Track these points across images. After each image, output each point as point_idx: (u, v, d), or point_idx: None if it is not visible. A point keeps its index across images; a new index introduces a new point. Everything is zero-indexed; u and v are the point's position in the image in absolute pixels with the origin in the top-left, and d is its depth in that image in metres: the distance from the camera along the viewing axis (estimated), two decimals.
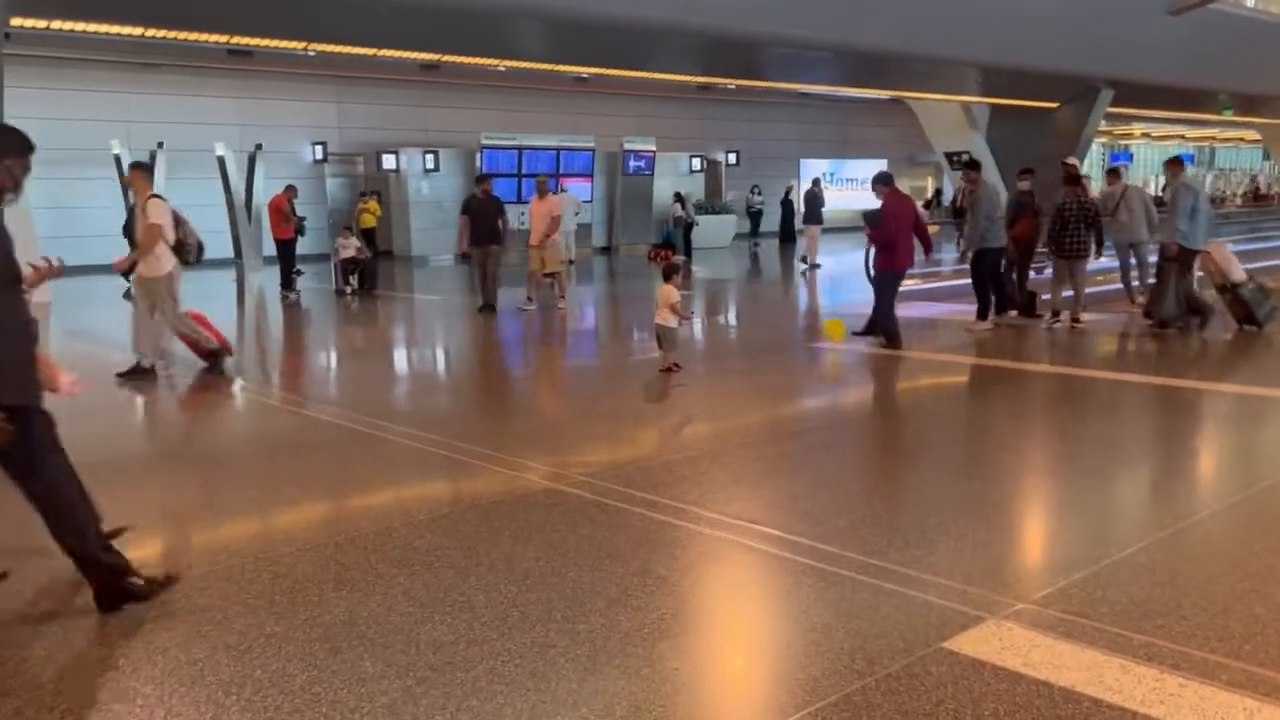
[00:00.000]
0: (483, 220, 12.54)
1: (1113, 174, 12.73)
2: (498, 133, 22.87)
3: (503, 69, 21.09)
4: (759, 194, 29.03)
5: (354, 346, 11.36)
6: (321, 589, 3.76)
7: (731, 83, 23.70)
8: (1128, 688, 2.88)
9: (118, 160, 18.42)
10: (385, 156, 22.61)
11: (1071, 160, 11.31)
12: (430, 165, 22.39)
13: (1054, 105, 22.91)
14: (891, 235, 9.26)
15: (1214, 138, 47.16)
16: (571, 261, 20.87)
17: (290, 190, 15.65)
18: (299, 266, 15.96)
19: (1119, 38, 19.60)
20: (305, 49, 16.61)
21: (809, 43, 16.11)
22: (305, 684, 3.03)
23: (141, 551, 4.14)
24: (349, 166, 24.05)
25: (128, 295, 12.42)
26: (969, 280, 10.90)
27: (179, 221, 8.31)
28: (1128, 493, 5.05)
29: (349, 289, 15.34)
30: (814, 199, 19.88)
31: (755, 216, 28.76)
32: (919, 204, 23.60)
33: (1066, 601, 3.49)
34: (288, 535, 4.44)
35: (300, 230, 16.29)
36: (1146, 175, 43.27)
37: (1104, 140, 42.14)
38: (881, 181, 9.54)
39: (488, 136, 22.33)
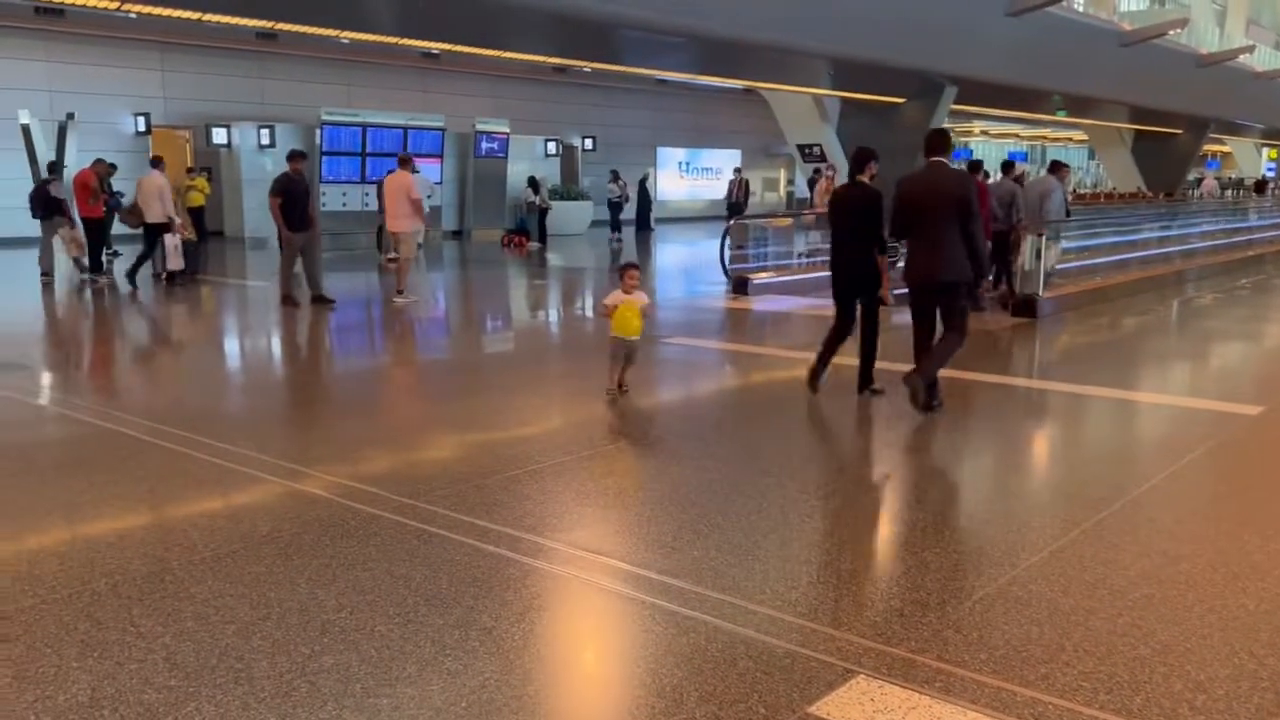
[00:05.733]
0: (303, 202, 11.42)
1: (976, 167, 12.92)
2: (340, 109, 21.63)
3: (346, 41, 19.93)
4: (620, 180, 24.94)
5: (166, 341, 10.30)
6: (62, 657, 3.05)
7: (587, 65, 23.14)
8: None
9: None
10: (216, 130, 21.05)
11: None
12: (266, 141, 20.94)
13: (901, 100, 23.31)
14: None
15: (1045, 137, 49.58)
16: (421, 245, 20.01)
17: (100, 164, 14.20)
18: (115, 248, 14.56)
19: (962, 36, 20.03)
20: (119, 8, 15.16)
21: (662, 27, 15.72)
22: None
23: None
24: (176, 140, 22.32)
25: None
26: (824, 273, 10.77)
27: None
28: (997, 509, 4.78)
29: (170, 274, 14.04)
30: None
31: (615, 207, 24.52)
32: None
33: (942, 646, 3.13)
34: (35, 582, 3.65)
35: (116, 208, 14.86)
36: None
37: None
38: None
39: (329, 112, 21.06)
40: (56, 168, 13.00)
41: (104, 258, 13.86)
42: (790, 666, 3.00)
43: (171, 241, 13.32)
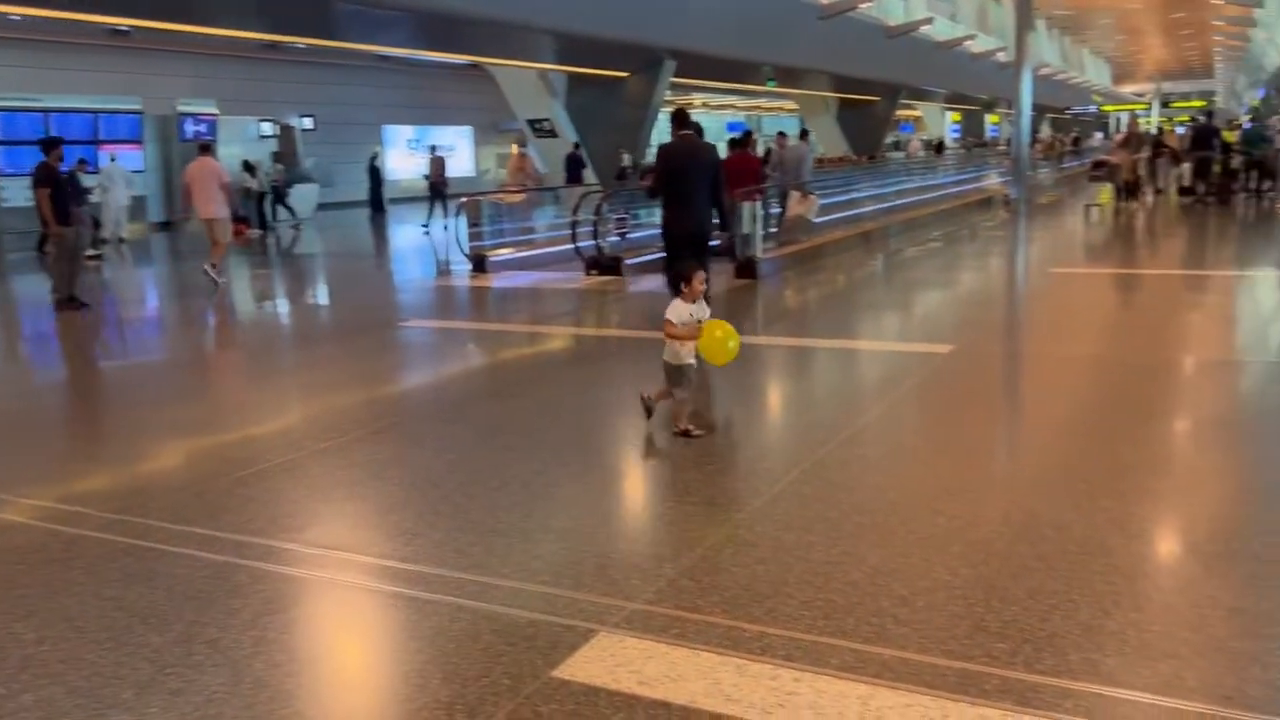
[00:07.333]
0: (68, 193, 10.58)
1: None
2: (17, 93, 19.40)
3: (17, 17, 17.84)
4: (259, 169, 21.85)
5: None
6: None
7: (300, 41, 22.02)
8: (746, 692, 2.67)
9: None
10: None
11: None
12: None
13: (625, 75, 23.83)
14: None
15: (760, 107, 52.32)
16: (123, 240, 18.43)
17: None
18: None
19: (677, 10, 20.72)
20: None
21: (375, 0, 15.23)
22: None
23: None
24: None
25: None
26: (565, 246, 10.91)
27: None
28: (727, 459, 5.02)
29: None
30: None
31: (257, 198, 21.55)
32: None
33: (678, 596, 3.26)
34: None
35: None
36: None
37: (670, 109, 45.05)
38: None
39: (3, 97, 18.86)
40: None
41: None
42: (533, 635, 3.03)
43: None
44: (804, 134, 14.68)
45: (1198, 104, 57.88)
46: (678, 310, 5.16)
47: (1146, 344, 7.36)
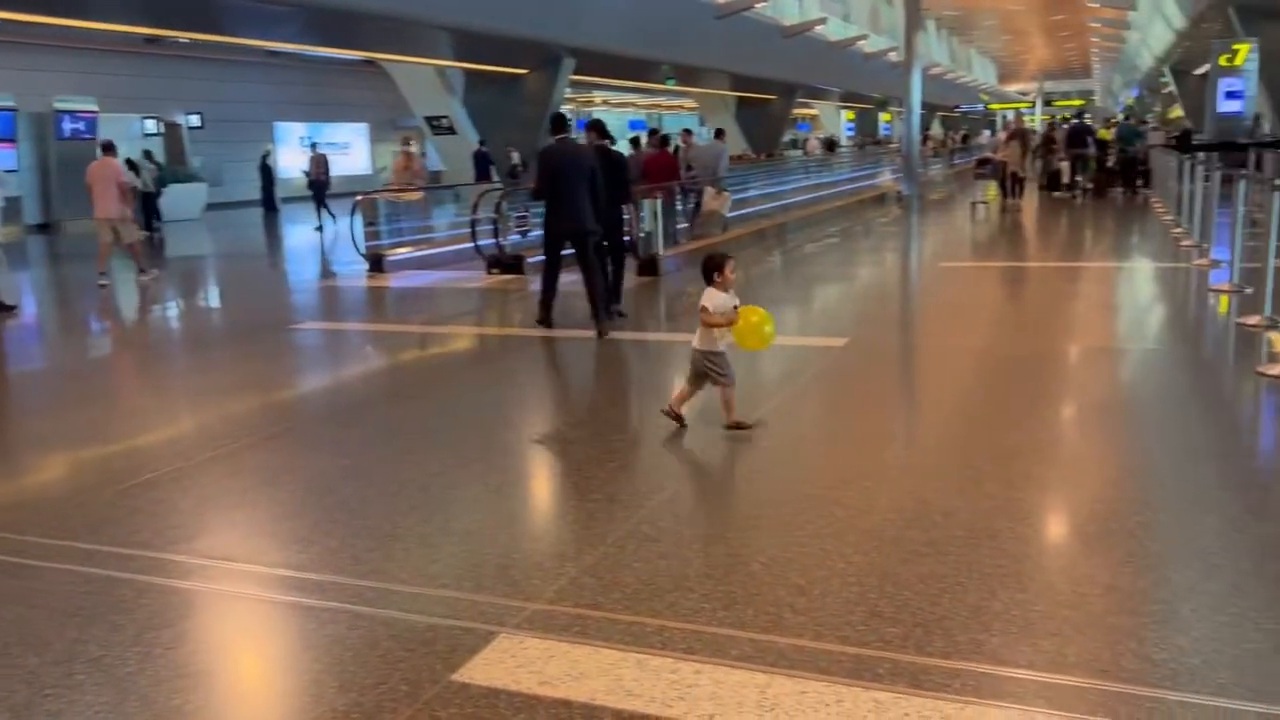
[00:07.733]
0: None
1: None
2: None
3: None
4: (139, 169, 19.72)
5: None
6: None
7: (184, 36, 21.26)
8: (647, 687, 2.68)
9: None
10: None
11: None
12: None
13: (524, 72, 23.68)
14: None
15: (660, 105, 52.68)
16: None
17: None
18: None
19: (574, 7, 20.68)
20: None
21: None
22: None
23: None
24: None
25: None
26: (466, 245, 10.79)
27: None
28: (628, 456, 5.04)
29: None
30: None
31: (148, 197, 19.87)
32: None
33: (579, 594, 3.26)
34: None
35: None
36: None
37: (571, 107, 44.92)
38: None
39: None
40: None
41: None
42: (433, 639, 2.99)
43: None
44: (719, 133, 15.56)
45: (1078, 102, 60.50)
46: (715, 298, 5.05)
47: (1031, 334, 7.65)
